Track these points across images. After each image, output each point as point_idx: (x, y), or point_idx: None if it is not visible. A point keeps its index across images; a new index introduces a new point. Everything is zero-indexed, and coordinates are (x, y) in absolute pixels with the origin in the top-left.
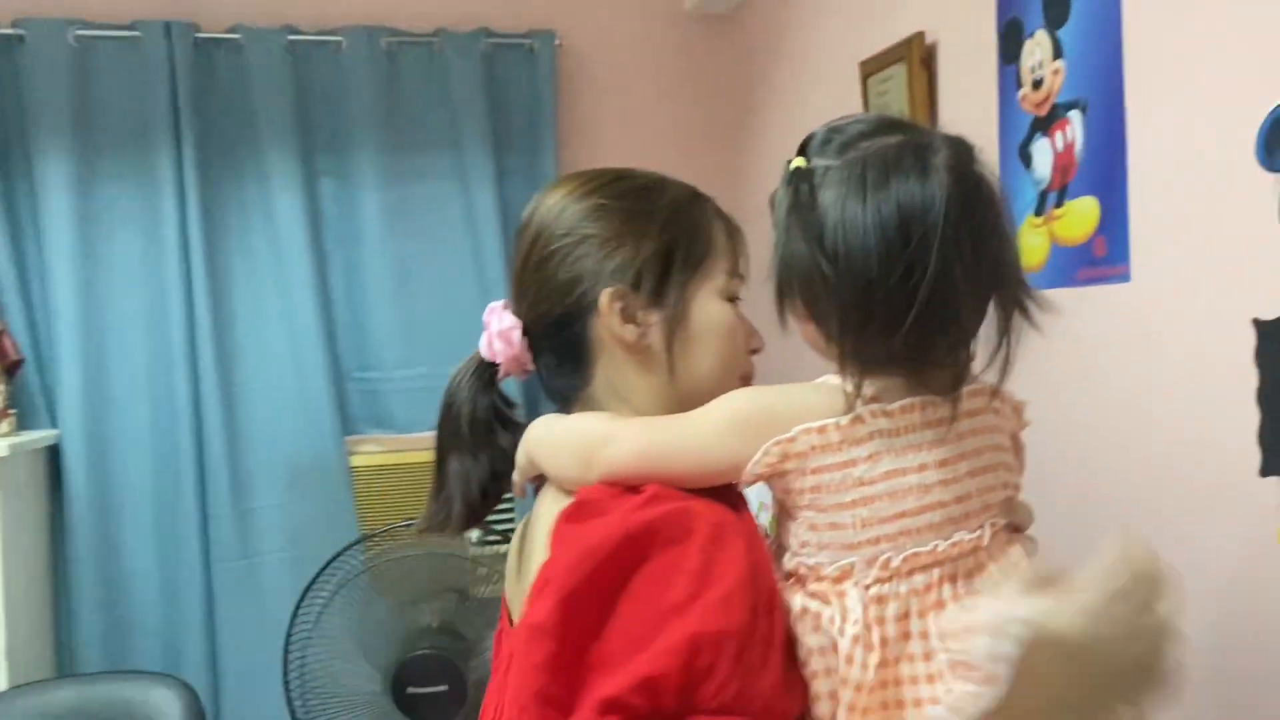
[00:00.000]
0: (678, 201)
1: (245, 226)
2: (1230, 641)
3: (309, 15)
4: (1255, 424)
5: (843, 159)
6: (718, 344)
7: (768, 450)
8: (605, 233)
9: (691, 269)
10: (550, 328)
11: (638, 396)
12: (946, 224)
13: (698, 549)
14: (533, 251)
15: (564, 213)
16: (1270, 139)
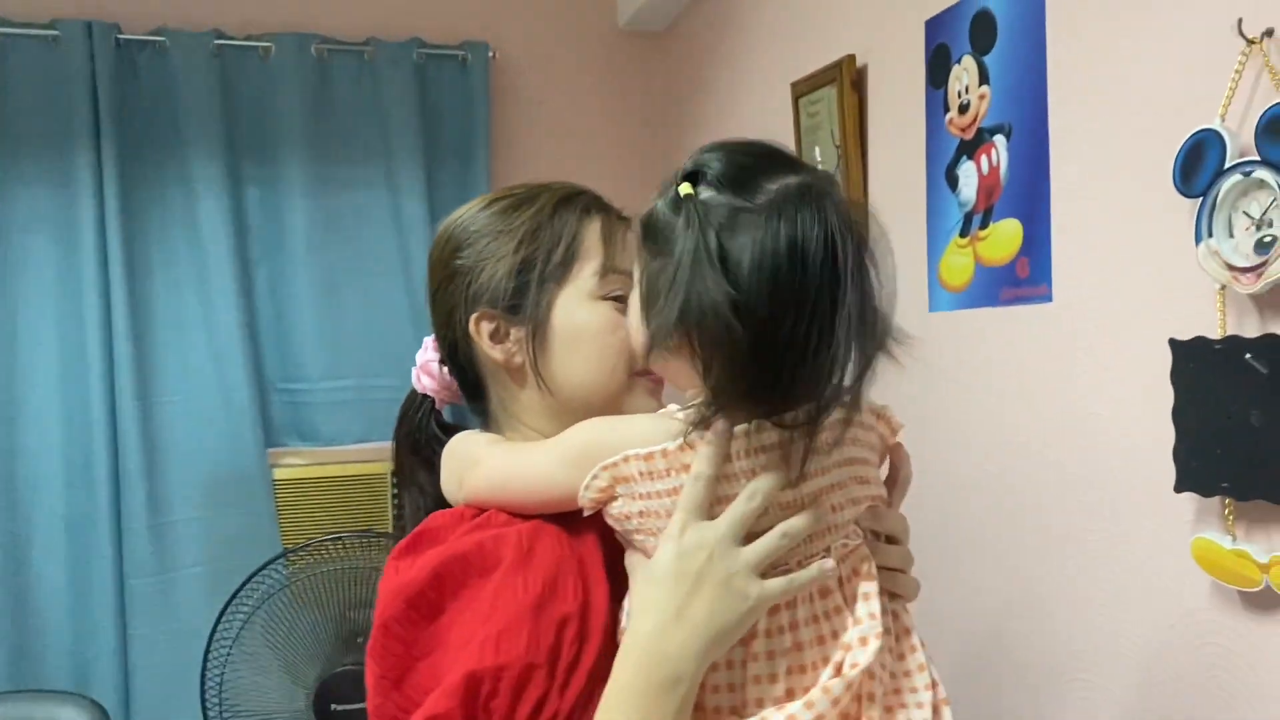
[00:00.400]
0: (541, 211)
1: (166, 233)
2: (1147, 653)
3: (237, 20)
4: (1171, 441)
5: (754, 203)
6: (587, 348)
7: (596, 474)
8: (469, 260)
9: (552, 278)
10: (449, 358)
11: (527, 414)
12: (844, 276)
13: (496, 581)
14: (430, 285)
15: (447, 245)
16: (1187, 165)
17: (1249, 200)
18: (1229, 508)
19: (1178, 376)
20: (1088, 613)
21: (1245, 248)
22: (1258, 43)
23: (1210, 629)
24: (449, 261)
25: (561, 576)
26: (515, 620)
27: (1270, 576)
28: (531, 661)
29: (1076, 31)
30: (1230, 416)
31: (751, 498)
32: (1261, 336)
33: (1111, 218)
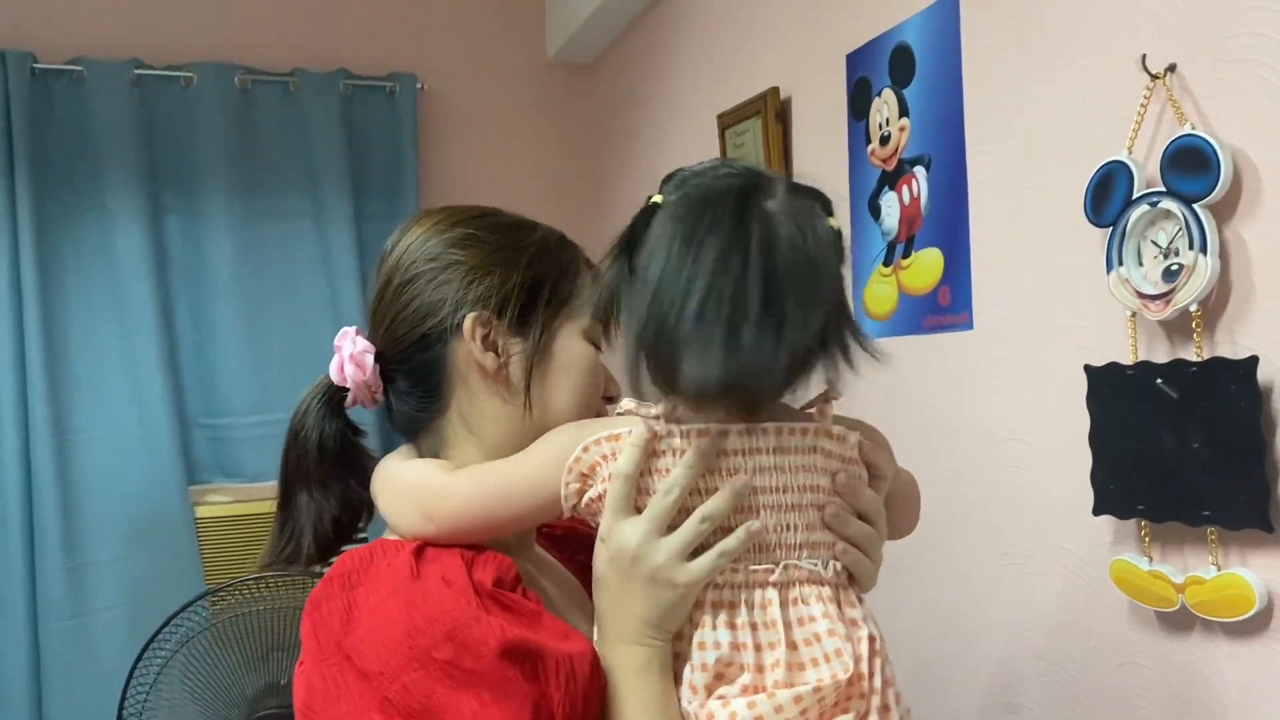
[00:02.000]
0: (547, 241)
1: (83, 265)
2: (1072, 674)
3: (157, 49)
4: (1088, 465)
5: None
6: (577, 381)
7: (569, 471)
8: (472, 260)
9: (558, 305)
10: (408, 351)
11: (489, 429)
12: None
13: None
14: (395, 276)
15: (430, 241)
16: (1097, 195)
17: (1156, 230)
18: (1145, 530)
19: (1093, 402)
20: (1013, 636)
21: (1154, 276)
22: (1161, 78)
23: (1131, 649)
24: (444, 251)
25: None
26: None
27: (1186, 596)
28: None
29: (990, 66)
30: (1144, 440)
31: (669, 491)
32: (1171, 362)
33: (1028, 247)
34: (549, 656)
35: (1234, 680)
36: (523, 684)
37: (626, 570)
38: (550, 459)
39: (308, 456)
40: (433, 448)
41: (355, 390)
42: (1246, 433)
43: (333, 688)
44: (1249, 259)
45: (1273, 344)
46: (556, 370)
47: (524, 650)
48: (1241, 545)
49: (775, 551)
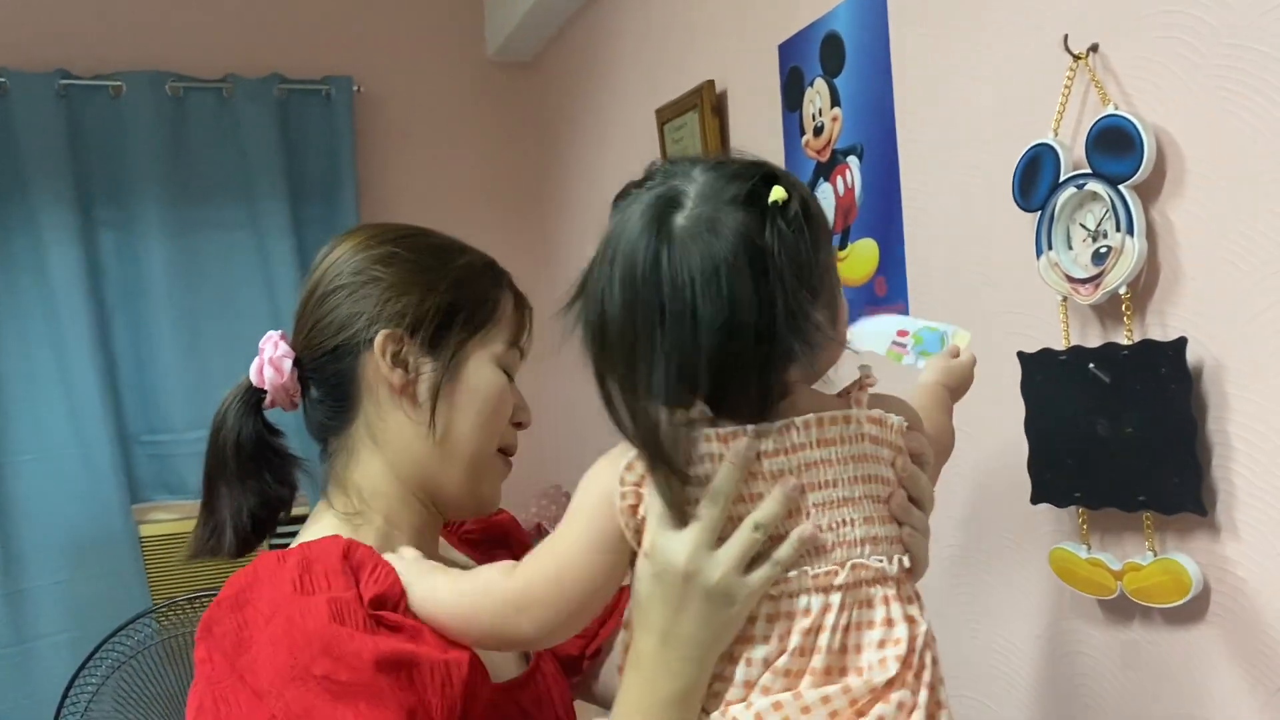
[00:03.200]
0: (472, 265)
1: (13, 283)
2: (1019, 665)
3: (84, 58)
4: (1025, 453)
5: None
6: (482, 407)
7: (621, 512)
8: (393, 278)
9: (472, 330)
10: (322, 360)
11: (394, 443)
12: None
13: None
14: (319, 287)
15: (356, 255)
16: (1024, 179)
17: (1084, 212)
18: (1083, 517)
19: (1028, 389)
20: (960, 629)
21: (1084, 259)
22: (1084, 58)
23: (1074, 638)
24: (369, 266)
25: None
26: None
27: (1124, 583)
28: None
29: (918, 52)
30: (1078, 427)
31: (714, 499)
32: (1103, 346)
33: (960, 234)
34: (424, 664)
35: (1175, 666)
36: (398, 693)
37: (679, 588)
38: (584, 512)
39: (226, 454)
40: (341, 455)
41: (273, 393)
42: (1178, 415)
43: (222, 707)
44: (1175, 239)
45: (1201, 325)
46: (464, 394)
47: (398, 660)
48: (1177, 530)
49: (835, 551)
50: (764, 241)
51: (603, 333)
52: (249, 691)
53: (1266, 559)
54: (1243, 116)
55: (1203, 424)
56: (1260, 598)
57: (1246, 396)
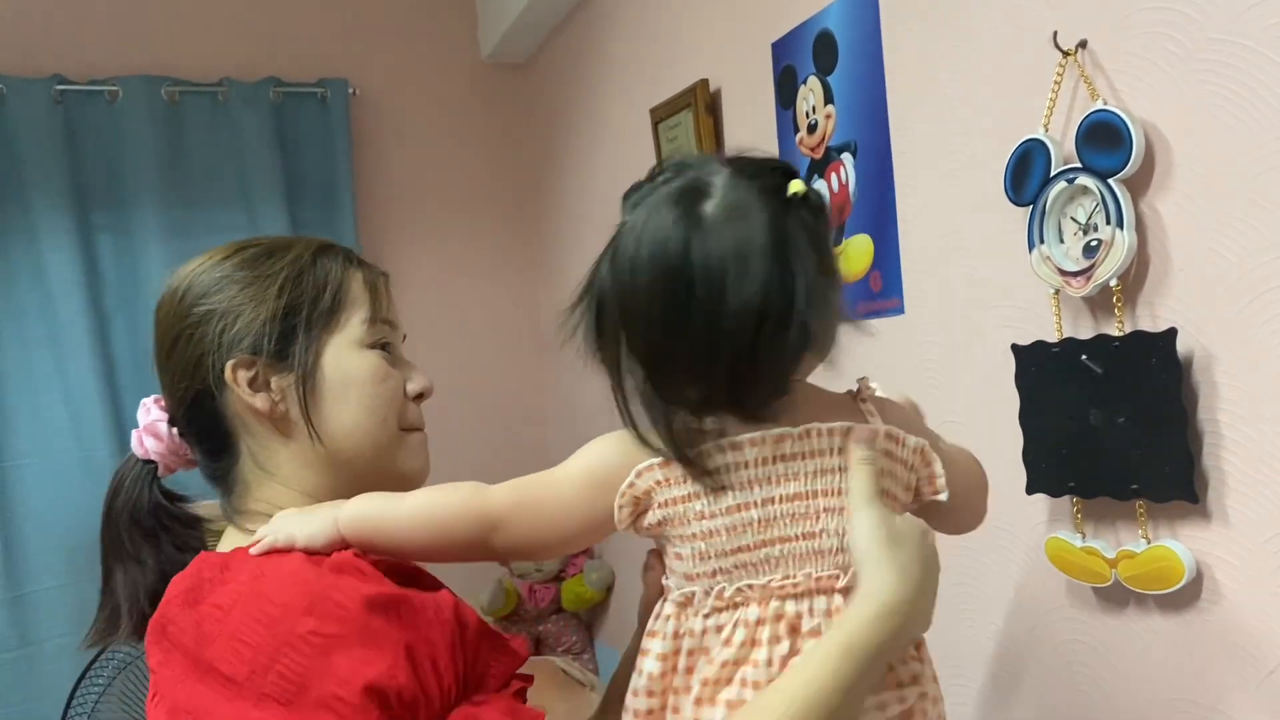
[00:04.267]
0: (300, 259)
1: (12, 288)
2: (1014, 654)
3: (80, 64)
4: (1020, 444)
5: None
6: (358, 395)
7: (621, 495)
8: (222, 305)
9: (319, 324)
10: (188, 413)
11: (285, 467)
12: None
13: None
14: (163, 337)
15: (187, 293)
16: (1016, 174)
17: (1075, 206)
18: (1077, 506)
19: (1021, 381)
20: (956, 618)
21: (1075, 252)
22: (1073, 54)
23: (1069, 627)
24: (192, 309)
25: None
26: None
27: (1119, 571)
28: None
29: (910, 49)
30: (1071, 417)
31: (866, 460)
32: (1095, 338)
33: (953, 229)
34: (413, 599)
35: (1170, 652)
36: (393, 631)
37: (931, 551)
38: (586, 481)
39: (120, 535)
40: (239, 495)
41: (161, 460)
42: (1168, 405)
43: (201, 703)
44: (1165, 231)
45: (1191, 315)
46: (332, 391)
47: (388, 600)
48: (1170, 517)
49: (838, 555)
50: (789, 228)
51: (627, 320)
52: (222, 680)
53: (1257, 545)
54: (1229, 110)
55: (1193, 413)
56: (1251, 583)
57: (1236, 385)
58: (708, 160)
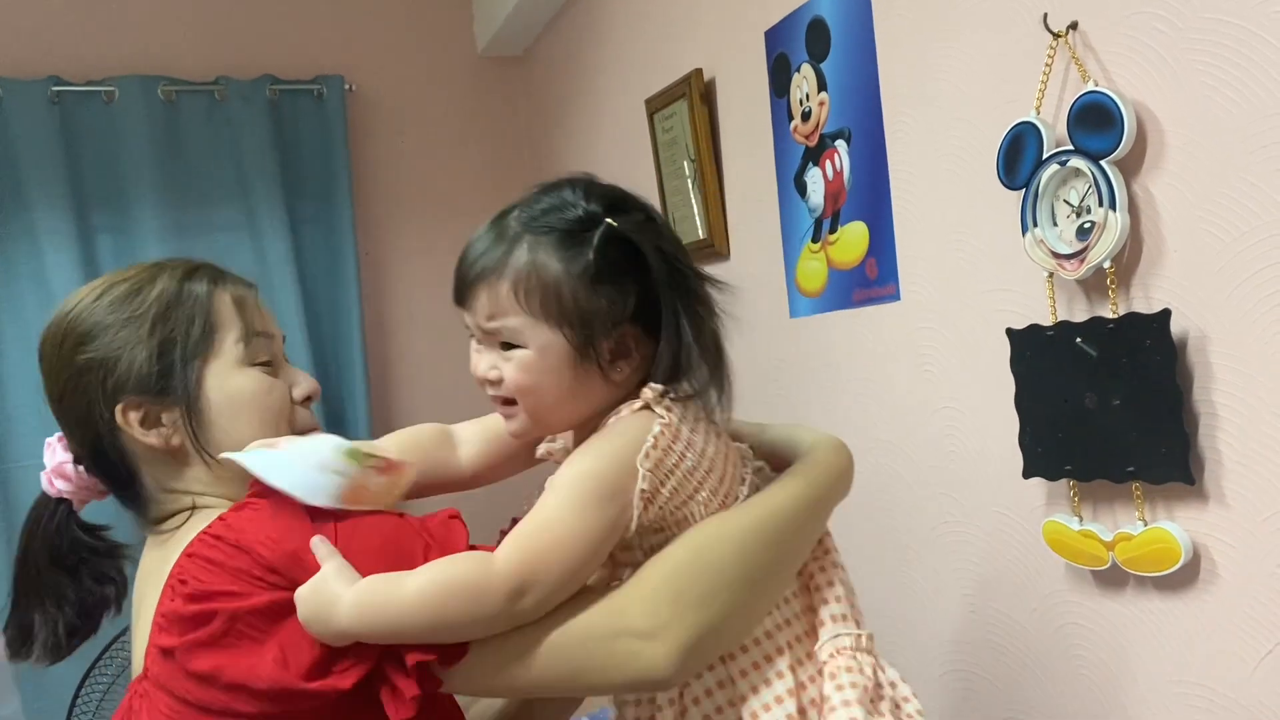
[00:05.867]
0: (165, 293)
1: (13, 289)
2: (1014, 638)
3: (76, 64)
4: (1016, 428)
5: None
6: (247, 413)
7: (646, 457)
8: (100, 353)
9: (195, 354)
10: (91, 457)
11: (194, 485)
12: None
13: None
14: (51, 387)
15: (64, 341)
16: (1008, 158)
17: (1068, 189)
18: (1074, 490)
19: (1017, 365)
20: (955, 604)
21: (1068, 235)
22: (1063, 36)
23: (1068, 610)
24: (73, 359)
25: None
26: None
27: (1116, 553)
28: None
29: (901, 35)
30: (1067, 400)
31: None
32: (1089, 320)
33: (947, 214)
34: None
35: (1168, 633)
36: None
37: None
38: (591, 498)
39: (39, 577)
40: (155, 512)
41: (74, 497)
42: (1163, 386)
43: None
44: (1157, 213)
45: (1185, 296)
46: (221, 413)
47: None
48: (1166, 499)
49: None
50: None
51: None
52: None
53: (1254, 525)
54: (1220, 90)
55: (1188, 394)
56: (1248, 563)
57: (1230, 366)
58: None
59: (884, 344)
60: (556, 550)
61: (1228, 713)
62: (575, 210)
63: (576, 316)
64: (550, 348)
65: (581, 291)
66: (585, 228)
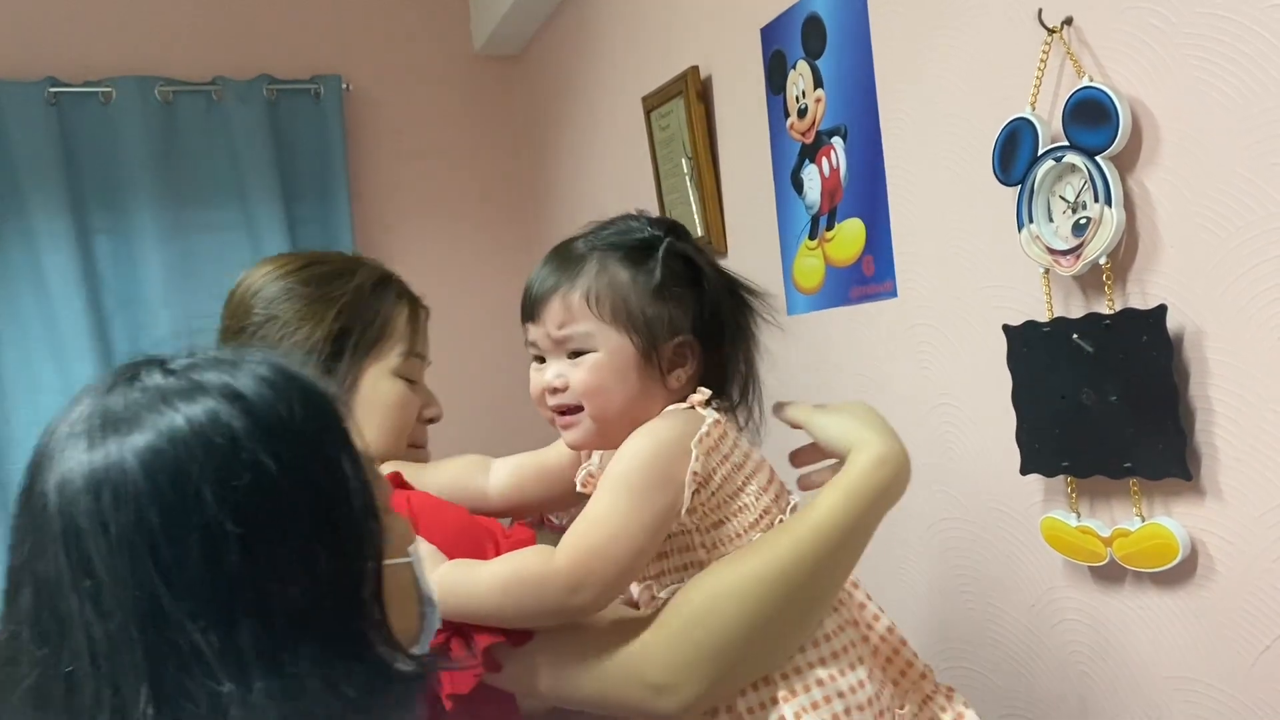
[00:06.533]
0: (361, 288)
1: (11, 292)
2: (1014, 636)
3: (72, 65)
4: (1013, 425)
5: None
6: (382, 418)
7: (699, 443)
8: (287, 314)
9: (364, 350)
10: None
11: None
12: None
13: None
14: (229, 324)
15: (260, 291)
16: (1004, 154)
17: (1063, 184)
18: (1071, 486)
19: (1013, 361)
20: (955, 602)
21: (1064, 231)
22: (1058, 31)
23: (1067, 606)
24: (266, 308)
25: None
26: None
27: (1114, 550)
28: None
29: (897, 30)
30: (1064, 397)
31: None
32: (1085, 316)
33: (943, 211)
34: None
35: (1166, 629)
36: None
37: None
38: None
39: None
40: None
41: None
42: (1160, 382)
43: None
44: (1153, 208)
45: (1181, 292)
46: (361, 409)
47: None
48: (1164, 495)
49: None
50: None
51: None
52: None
53: (1251, 520)
54: (1216, 85)
55: (1185, 390)
56: (1246, 559)
57: (1226, 361)
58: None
59: (881, 341)
60: (609, 546)
61: (1226, 708)
62: (640, 232)
63: (643, 323)
64: (619, 351)
65: (647, 300)
66: (650, 245)
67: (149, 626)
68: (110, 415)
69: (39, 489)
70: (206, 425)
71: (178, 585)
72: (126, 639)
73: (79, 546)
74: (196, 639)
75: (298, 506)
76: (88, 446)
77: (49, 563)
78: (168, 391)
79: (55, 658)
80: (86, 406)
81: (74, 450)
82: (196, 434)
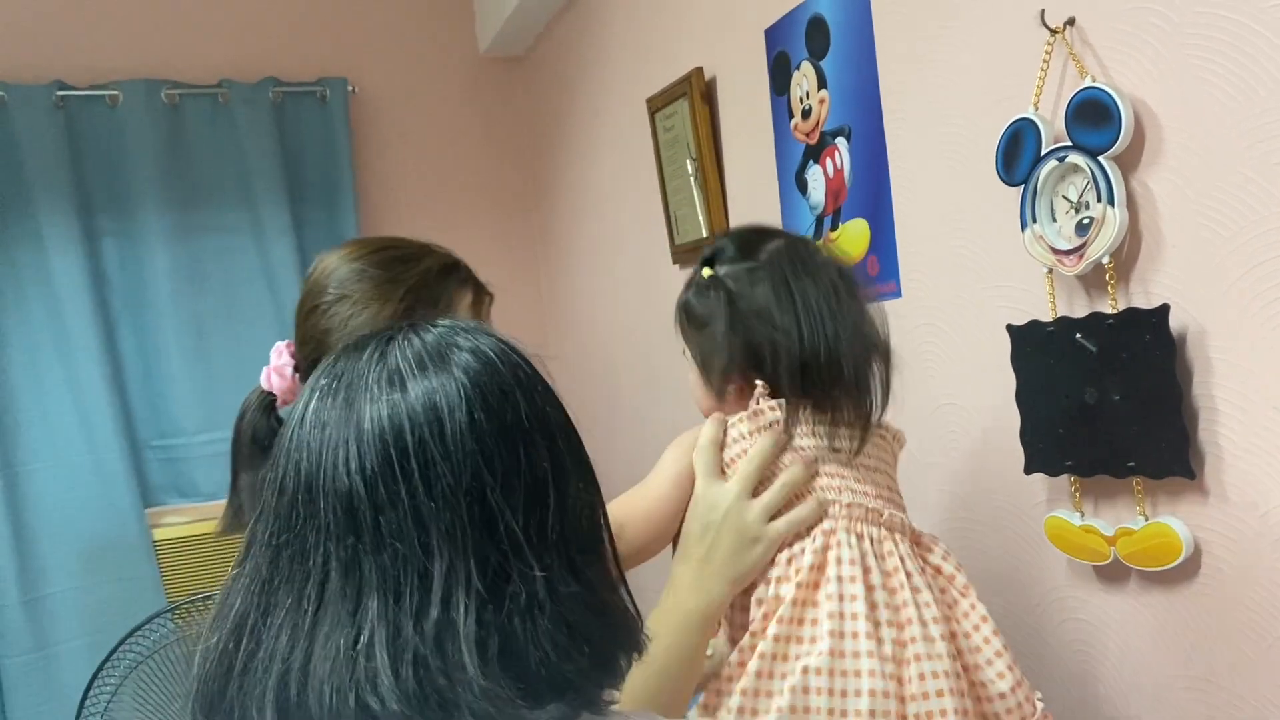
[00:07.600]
0: (428, 273)
1: (19, 293)
2: (1018, 636)
3: (80, 69)
4: (1017, 424)
5: (759, 261)
6: None
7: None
8: (358, 294)
9: None
10: (308, 369)
11: None
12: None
13: None
14: (306, 300)
15: (335, 272)
16: (1007, 154)
17: (1066, 184)
18: (1075, 485)
19: (1017, 360)
20: None
21: (1067, 230)
22: (1060, 32)
23: (1071, 605)
24: (340, 286)
25: None
26: None
27: (1118, 548)
28: None
29: (900, 31)
30: (1067, 396)
31: (752, 460)
32: (1089, 316)
33: (947, 211)
34: None
35: (1170, 628)
36: None
37: (717, 525)
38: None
39: (243, 447)
40: None
41: (281, 395)
42: (1163, 381)
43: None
44: (1156, 208)
45: (1183, 291)
46: None
47: None
48: (1167, 494)
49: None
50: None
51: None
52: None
53: (1254, 518)
54: (1218, 84)
55: (1188, 389)
56: (1249, 557)
57: (1229, 360)
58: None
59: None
60: (634, 493)
61: (1230, 707)
62: (704, 252)
63: (695, 347)
64: (691, 368)
65: (686, 327)
66: (699, 271)
67: (477, 519)
68: (415, 358)
69: (346, 437)
70: (500, 351)
71: (502, 482)
72: (461, 528)
73: (422, 454)
74: (515, 529)
75: (568, 429)
76: (408, 381)
77: (383, 489)
78: (444, 338)
79: (407, 552)
80: (355, 373)
81: (389, 393)
82: (499, 355)
